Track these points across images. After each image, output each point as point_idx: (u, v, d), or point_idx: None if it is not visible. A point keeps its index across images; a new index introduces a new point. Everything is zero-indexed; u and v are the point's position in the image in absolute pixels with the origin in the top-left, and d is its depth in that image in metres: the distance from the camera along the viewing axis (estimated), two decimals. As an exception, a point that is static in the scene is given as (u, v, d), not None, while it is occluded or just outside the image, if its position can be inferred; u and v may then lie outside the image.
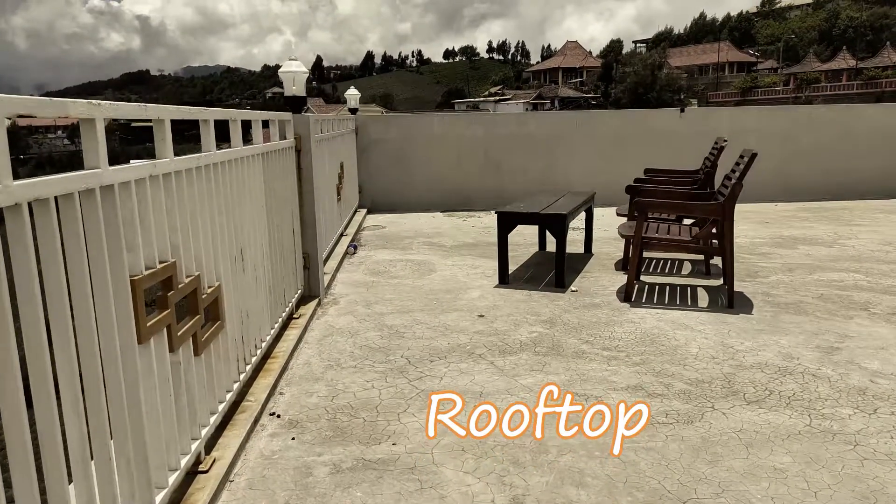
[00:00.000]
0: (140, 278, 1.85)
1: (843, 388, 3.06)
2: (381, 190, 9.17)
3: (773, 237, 6.77)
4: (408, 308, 4.48)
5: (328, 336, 3.91)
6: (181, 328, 2.15)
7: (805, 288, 4.79)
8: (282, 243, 3.84)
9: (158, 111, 2.03)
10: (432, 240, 7.03)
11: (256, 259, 3.20)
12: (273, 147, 3.63)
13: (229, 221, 2.74)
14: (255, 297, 3.14)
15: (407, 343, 3.77)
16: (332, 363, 3.47)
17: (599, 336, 3.84)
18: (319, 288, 4.60)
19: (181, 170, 2.21)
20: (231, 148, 2.85)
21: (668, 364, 3.39)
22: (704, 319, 4.11)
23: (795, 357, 3.45)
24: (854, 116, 9.60)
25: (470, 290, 4.92)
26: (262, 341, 3.28)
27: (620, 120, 9.58)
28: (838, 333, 3.81)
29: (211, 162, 2.52)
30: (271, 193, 3.58)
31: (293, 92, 4.27)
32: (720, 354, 3.50)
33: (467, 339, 3.83)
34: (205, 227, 2.43)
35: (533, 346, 3.69)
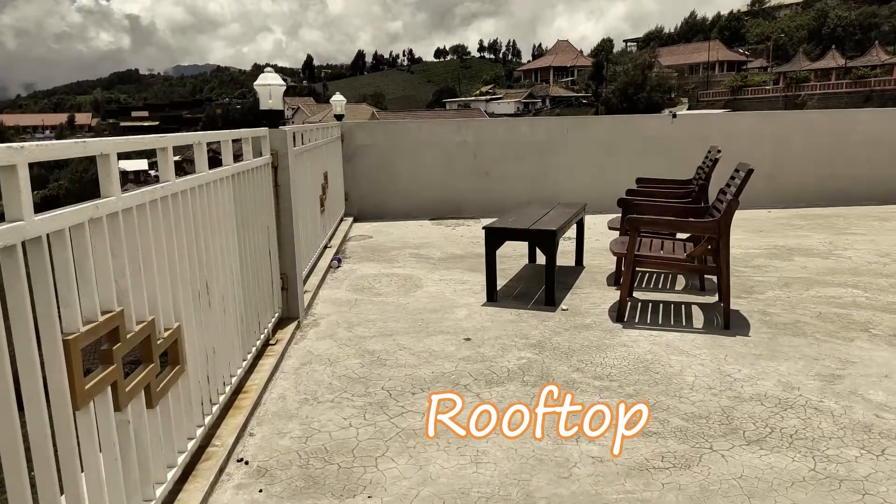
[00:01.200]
0: (76, 337, 1.65)
1: (847, 424, 2.89)
2: (368, 197, 8.97)
3: (768, 247, 6.62)
4: (391, 330, 4.29)
5: (306, 364, 3.71)
6: (130, 382, 1.95)
7: (803, 305, 4.63)
8: (257, 267, 3.65)
9: (101, 146, 1.83)
10: (419, 251, 6.84)
11: (226, 289, 3.00)
12: (245, 167, 3.43)
13: (192, 254, 2.55)
14: (223, 332, 2.94)
15: (389, 372, 3.57)
16: (308, 397, 3.28)
17: (591, 362, 3.66)
18: (299, 309, 4.40)
19: (131, 207, 2.01)
20: (195, 174, 2.65)
21: (664, 396, 3.21)
22: (700, 343, 3.93)
23: (796, 387, 3.28)
24: (848, 122, 9.47)
25: (457, 309, 4.73)
26: (232, 376, 3.08)
27: (612, 125, 9.41)
28: (839, 359, 3.65)
29: (170, 193, 2.32)
30: (244, 216, 3.38)
31: (269, 105, 4.07)
32: (717, 384, 3.33)
33: (452, 366, 3.65)
34: (161, 266, 2.23)
35: (521, 375, 3.51)
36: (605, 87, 66.03)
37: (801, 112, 11.10)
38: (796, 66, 64.04)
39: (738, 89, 63.10)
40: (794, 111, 11.85)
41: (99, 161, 1.86)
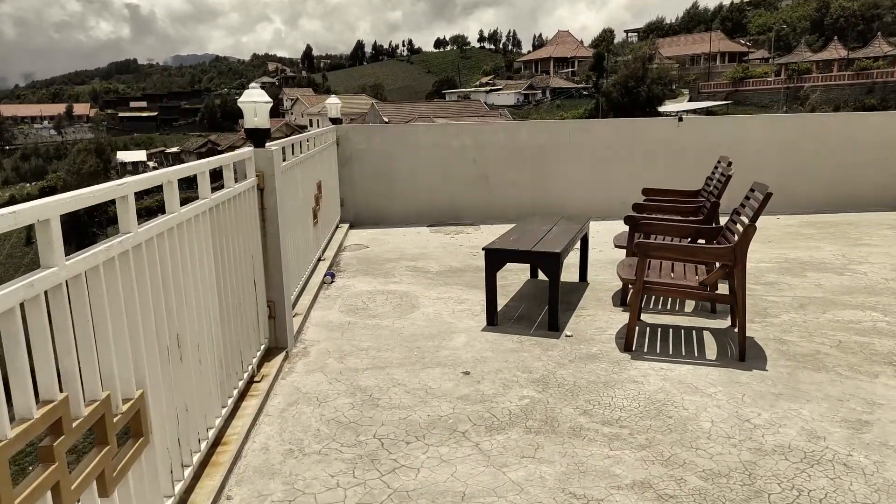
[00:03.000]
0: (2, 445, 1.40)
1: (881, 484, 2.65)
2: (365, 203, 8.69)
3: (779, 260, 6.36)
4: (385, 361, 4.04)
5: (293, 405, 3.46)
6: (78, 476, 1.70)
7: (820, 332, 4.38)
8: (239, 300, 3.39)
9: (38, 211, 1.57)
10: (417, 263, 6.58)
11: (202, 336, 2.75)
12: (227, 195, 3.17)
13: (160, 307, 2.29)
14: (198, 384, 2.68)
15: (381, 415, 3.32)
16: (293, 447, 3.03)
17: (599, 403, 3.41)
18: (287, 338, 4.14)
19: (80, 273, 1.75)
20: (164, 216, 2.39)
21: (679, 447, 2.96)
22: (714, 378, 3.68)
23: (821, 436, 3.04)
24: (859, 125, 9.20)
25: (455, 335, 4.48)
26: (209, 428, 2.83)
27: (616, 129, 9.13)
28: (865, 399, 3.40)
29: (131, 246, 2.07)
30: (225, 248, 3.13)
31: (255, 124, 3.79)
32: (736, 432, 3.08)
33: (450, 408, 3.40)
34: (120, 329, 1.98)
35: (524, 419, 3.26)
36: (606, 79, 65.49)
37: (810, 115, 10.84)
38: (798, 58, 63.47)
39: (739, 81, 62.58)
40: (802, 114, 11.58)
41: (37, 228, 1.60)
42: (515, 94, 76.81)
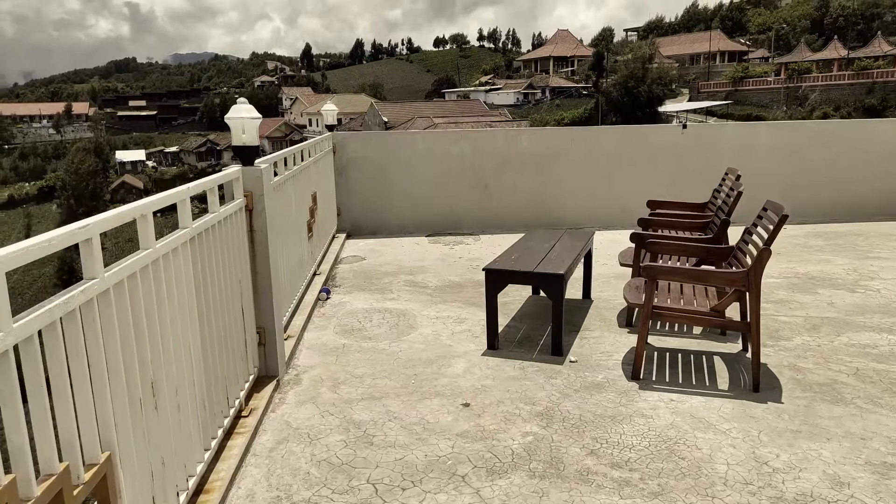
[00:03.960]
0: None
1: (913, 541, 2.46)
2: (362, 212, 8.49)
3: (788, 275, 6.16)
4: (381, 391, 3.84)
5: (282, 443, 3.27)
6: (28, 569, 1.50)
7: (837, 358, 4.19)
8: (225, 331, 3.19)
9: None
10: (415, 277, 6.38)
11: (181, 378, 2.55)
12: (211, 221, 2.97)
13: (131, 358, 2.09)
14: (176, 431, 2.49)
15: (376, 456, 3.13)
16: (280, 493, 2.83)
17: (607, 441, 3.22)
18: (278, 365, 3.94)
19: (30, 335, 1.55)
20: (136, 254, 2.19)
21: (693, 494, 2.77)
22: (728, 412, 3.49)
23: (845, 482, 2.84)
24: (865, 133, 9.00)
25: (454, 360, 4.28)
26: (190, 477, 2.63)
27: (619, 136, 8.92)
28: (889, 438, 3.21)
29: (96, 294, 1.87)
30: (209, 277, 2.93)
31: (243, 141, 3.59)
32: (754, 477, 2.89)
33: (449, 446, 3.20)
34: (83, 389, 1.78)
35: (528, 460, 3.06)
36: (606, 79, 65.27)
37: (816, 122, 10.64)
38: (798, 57, 63.29)
39: (739, 80, 62.36)
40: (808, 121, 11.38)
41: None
42: (515, 94, 76.55)
